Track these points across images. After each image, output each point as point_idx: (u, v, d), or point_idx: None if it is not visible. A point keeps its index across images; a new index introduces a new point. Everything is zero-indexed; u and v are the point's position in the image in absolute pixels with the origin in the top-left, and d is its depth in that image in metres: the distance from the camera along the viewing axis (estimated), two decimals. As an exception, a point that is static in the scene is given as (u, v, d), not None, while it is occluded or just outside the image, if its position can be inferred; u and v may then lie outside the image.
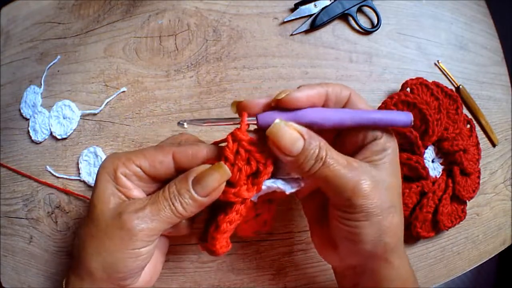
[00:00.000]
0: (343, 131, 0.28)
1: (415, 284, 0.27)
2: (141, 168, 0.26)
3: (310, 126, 0.25)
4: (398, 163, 0.27)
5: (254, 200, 0.28)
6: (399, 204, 0.26)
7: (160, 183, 0.27)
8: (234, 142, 0.25)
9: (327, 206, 0.27)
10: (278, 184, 0.27)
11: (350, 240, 0.25)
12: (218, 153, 0.26)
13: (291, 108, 0.25)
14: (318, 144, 0.24)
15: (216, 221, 0.26)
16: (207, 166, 0.25)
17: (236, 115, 0.27)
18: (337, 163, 0.24)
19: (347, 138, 0.27)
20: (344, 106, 0.27)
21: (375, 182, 0.24)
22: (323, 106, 0.26)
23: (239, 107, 0.26)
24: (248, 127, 0.26)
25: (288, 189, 0.27)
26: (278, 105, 0.25)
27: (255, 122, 0.26)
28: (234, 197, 0.25)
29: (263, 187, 0.26)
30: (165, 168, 0.26)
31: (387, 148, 0.26)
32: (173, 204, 0.25)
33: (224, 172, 0.24)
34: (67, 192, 0.40)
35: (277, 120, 0.24)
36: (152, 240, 0.25)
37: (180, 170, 0.26)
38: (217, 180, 0.24)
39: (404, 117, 0.26)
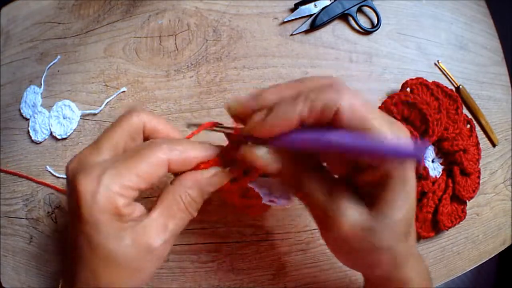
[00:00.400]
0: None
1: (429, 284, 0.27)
2: (139, 189, 0.23)
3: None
4: (414, 199, 0.23)
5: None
6: (413, 228, 0.24)
7: None
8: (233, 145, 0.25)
9: None
10: (261, 190, 0.26)
11: (359, 263, 0.25)
12: (212, 154, 0.25)
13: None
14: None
15: None
16: (211, 172, 0.25)
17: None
18: (354, 221, 0.21)
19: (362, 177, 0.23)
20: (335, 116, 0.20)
21: (391, 237, 0.22)
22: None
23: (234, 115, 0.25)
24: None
25: (265, 199, 0.27)
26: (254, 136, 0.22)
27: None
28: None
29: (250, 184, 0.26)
30: (160, 179, 0.24)
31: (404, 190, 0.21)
32: (191, 213, 0.25)
33: (227, 175, 0.25)
34: (65, 193, 0.40)
35: (247, 151, 0.23)
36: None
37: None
38: (225, 180, 0.25)
39: (409, 151, 0.19)
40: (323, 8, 0.41)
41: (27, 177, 0.42)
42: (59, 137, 0.42)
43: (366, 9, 0.43)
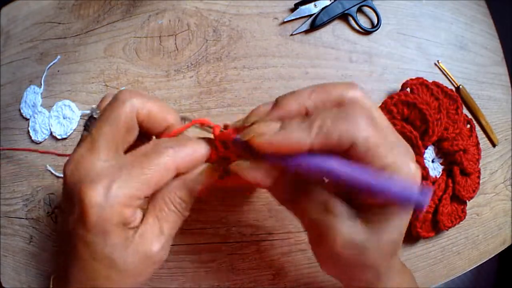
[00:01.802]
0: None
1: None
2: (146, 196, 0.22)
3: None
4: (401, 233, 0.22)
5: None
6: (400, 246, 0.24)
7: None
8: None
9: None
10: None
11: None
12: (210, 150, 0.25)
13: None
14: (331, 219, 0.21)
15: None
16: (198, 171, 0.24)
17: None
18: (350, 239, 0.21)
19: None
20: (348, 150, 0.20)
21: (380, 253, 0.22)
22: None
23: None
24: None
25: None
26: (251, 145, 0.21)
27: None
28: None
29: None
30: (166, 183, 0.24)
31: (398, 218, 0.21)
32: (183, 214, 0.25)
33: (215, 171, 0.24)
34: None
35: (237, 165, 0.22)
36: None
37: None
38: (214, 178, 0.24)
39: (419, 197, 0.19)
40: (323, 8, 0.41)
41: (31, 149, 0.42)
42: (59, 137, 0.42)
43: (366, 9, 0.43)
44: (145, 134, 0.25)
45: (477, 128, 0.42)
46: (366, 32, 0.42)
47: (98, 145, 0.22)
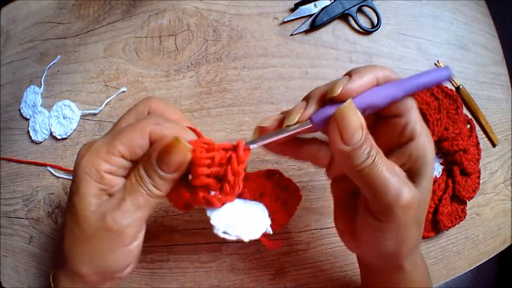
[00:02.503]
0: (380, 122, 0.26)
1: (426, 284, 0.27)
2: (123, 157, 0.24)
3: (363, 111, 0.23)
4: (432, 173, 0.25)
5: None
6: (423, 219, 0.25)
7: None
8: (227, 159, 0.24)
9: (359, 203, 0.26)
10: (211, 219, 0.24)
11: (371, 245, 0.25)
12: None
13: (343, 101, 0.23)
14: (371, 142, 0.23)
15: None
16: (166, 140, 0.23)
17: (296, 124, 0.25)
18: (385, 165, 0.23)
19: (384, 131, 0.25)
20: None
21: (413, 196, 0.23)
22: None
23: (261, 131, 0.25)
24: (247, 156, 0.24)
25: (217, 231, 0.25)
26: (334, 100, 0.23)
27: (308, 125, 0.24)
28: (176, 186, 0.25)
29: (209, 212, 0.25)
30: (144, 151, 0.24)
31: (425, 157, 0.24)
32: (147, 188, 0.24)
33: (183, 147, 0.23)
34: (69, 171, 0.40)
35: (349, 100, 0.22)
36: (140, 231, 0.25)
37: None
38: (178, 156, 0.23)
39: (445, 72, 0.24)
40: (323, 8, 0.41)
41: (31, 162, 0.42)
42: (59, 137, 0.42)
43: (366, 9, 0.43)
44: None
45: (477, 128, 0.42)
46: (366, 32, 0.42)
47: (116, 149, 0.24)
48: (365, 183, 0.23)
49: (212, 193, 0.24)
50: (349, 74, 0.24)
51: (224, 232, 0.24)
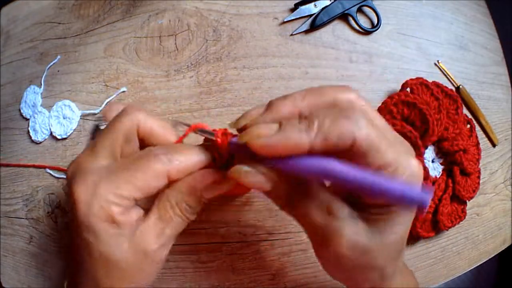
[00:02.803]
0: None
1: None
2: (134, 198, 0.22)
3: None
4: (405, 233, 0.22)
5: None
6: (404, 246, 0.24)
7: None
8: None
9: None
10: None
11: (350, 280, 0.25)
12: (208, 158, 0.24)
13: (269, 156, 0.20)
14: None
15: None
16: (209, 180, 0.23)
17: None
18: (354, 240, 0.21)
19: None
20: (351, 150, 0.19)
21: (383, 256, 0.22)
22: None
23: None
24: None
25: None
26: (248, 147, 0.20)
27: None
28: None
29: None
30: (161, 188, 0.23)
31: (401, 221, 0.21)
32: (188, 218, 0.24)
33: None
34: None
35: (238, 169, 0.21)
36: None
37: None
38: (229, 187, 0.24)
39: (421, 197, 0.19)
40: (323, 8, 0.41)
41: (31, 165, 0.42)
42: (59, 137, 0.42)
43: (366, 9, 0.43)
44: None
45: (477, 128, 0.42)
46: (366, 32, 0.42)
47: (97, 150, 0.23)
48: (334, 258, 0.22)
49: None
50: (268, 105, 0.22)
51: None
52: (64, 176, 0.40)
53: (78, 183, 0.22)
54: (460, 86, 0.43)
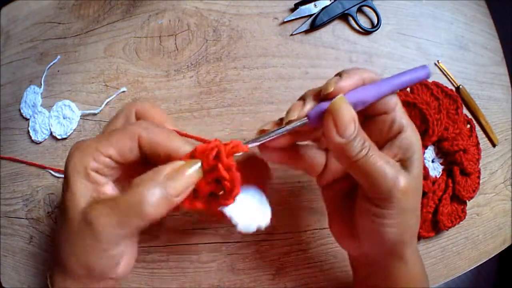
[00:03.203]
0: (369, 121, 0.27)
1: (424, 281, 0.28)
2: (110, 158, 0.24)
3: (354, 106, 0.25)
4: (422, 165, 0.27)
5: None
6: (419, 206, 0.27)
7: (125, 166, 0.26)
8: (215, 159, 0.23)
9: (354, 199, 0.27)
10: (233, 219, 0.26)
11: (373, 235, 0.26)
12: (190, 151, 0.24)
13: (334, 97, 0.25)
14: (364, 135, 0.24)
15: None
16: (181, 163, 0.24)
17: (291, 123, 0.25)
18: (379, 156, 0.24)
19: (373, 128, 0.27)
20: None
21: (409, 182, 0.24)
22: None
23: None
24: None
25: (241, 227, 0.26)
26: (328, 98, 0.25)
27: (306, 121, 0.25)
28: (188, 205, 0.25)
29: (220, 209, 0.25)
30: (134, 155, 0.25)
31: (414, 147, 0.26)
32: (142, 204, 0.22)
33: (196, 172, 0.23)
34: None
35: (341, 95, 0.24)
36: (121, 242, 0.24)
37: (144, 154, 0.25)
38: (191, 180, 0.23)
39: (423, 71, 0.26)
40: (323, 8, 0.41)
41: (32, 163, 0.42)
42: (59, 137, 0.42)
43: (366, 9, 0.43)
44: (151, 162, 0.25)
45: (477, 128, 0.42)
46: (366, 32, 0.42)
47: (106, 149, 0.25)
48: (362, 174, 0.24)
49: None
50: (340, 75, 0.25)
51: (245, 226, 0.26)
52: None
53: (75, 143, 0.25)
54: (460, 86, 0.43)
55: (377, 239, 0.26)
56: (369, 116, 0.27)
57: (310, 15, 0.41)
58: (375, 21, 0.42)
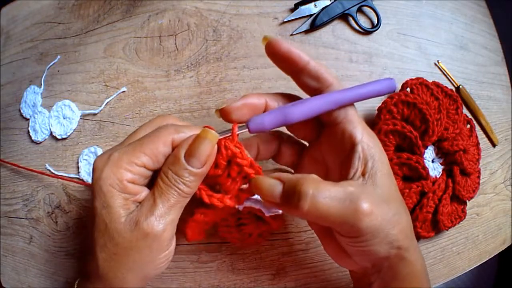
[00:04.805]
0: (326, 130, 0.28)
1: (426, 279, 0.28)
2: (145, 167, 0.24)
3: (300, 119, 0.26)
4: (389, 167, 0.26)
5: (239, 208, 0.29)
6: (402, 205, 0.26)
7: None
8: (227, 150, 0.26)
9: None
10: (259, 206, 0.29)
11: (363, 255, 0.26)
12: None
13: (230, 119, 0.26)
14: (301, 183, 0.23)
15: (192, 209, 0.28)
16: (193, 136, 0.25)
17: (229, 126, 0.27)
18: (329, 196, 0.23)
19: (332, 140, 0.27)
20: None
21: (373, 199, 0.23)
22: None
23: (222, 114, 0.26)
24: (238, 136, 0.26)
25: (267, 212, 0.29)
26: (222, 116, 0.26)
27: (247, 130, 0.26)
28: (218, 203, 0.27)
29: (245, 203, 0.28)
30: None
31: (373, 156, 0.25)
32: (177, 187, 0.24)
33: (212, 136, 0.24)
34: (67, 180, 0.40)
35: (253, 176, 0.26)
36: (174, 232, 0.25)
37: None
38: (208, 147, 0.24)
39: (387, 84, 0.25)
40: (323, 8, 0.41)
41: (30, 169, 0.42)
42: (59, 137, 0.42)
43: (366, 9, 0.43)
44: None
45: (477, 128, 0.42)
46: (366, 32, 0.42)
47: (138, 159, 0.25)
48: (321, 220, 0.24)
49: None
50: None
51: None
52: (64, 174, 0.40)
53: (98, 157, 0.25)
54: (460, 86, 0.43)
55: (369, 257, 0.25)
56: (324, 124, 0.28)
57: (310, 15, 0.41)
58: (375, 21, 0.42)
